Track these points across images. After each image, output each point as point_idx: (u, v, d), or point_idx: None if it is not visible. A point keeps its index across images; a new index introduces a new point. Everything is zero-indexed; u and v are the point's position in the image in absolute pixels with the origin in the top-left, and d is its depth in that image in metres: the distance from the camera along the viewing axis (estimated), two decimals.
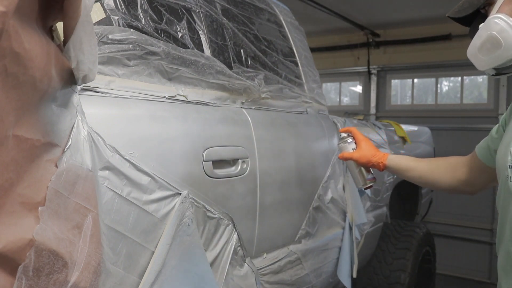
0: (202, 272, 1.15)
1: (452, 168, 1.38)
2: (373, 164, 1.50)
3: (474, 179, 1.32)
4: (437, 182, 1.41)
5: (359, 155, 1.52)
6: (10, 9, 0.56)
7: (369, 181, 1.56)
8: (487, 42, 1.00)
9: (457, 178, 1.36)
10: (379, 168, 1.51)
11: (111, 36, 1.01)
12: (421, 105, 5.13)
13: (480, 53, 1.02)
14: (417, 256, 2.66)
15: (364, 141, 1.55)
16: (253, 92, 1.51)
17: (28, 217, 0.65)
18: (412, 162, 1.46)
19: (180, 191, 1.08)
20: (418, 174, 1.44)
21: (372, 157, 1.50)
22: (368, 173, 1.56)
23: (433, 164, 1.44)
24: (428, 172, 1.42)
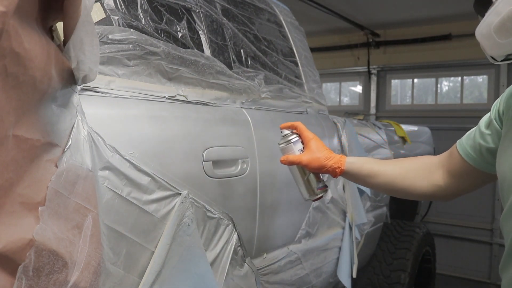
0: (202, 272, 1.15)
1: (426, 171, 1.15)
2: (327, 169, 1.19)
3: (456, 184, 1.10)
4: (409, 189, 1.15)
5: (308, 159, 1.19)
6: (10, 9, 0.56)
7: (320, 191, 1.23)
8: (508, 21, 0.78)
9: (434, 183, 1.13)
10: (334, 174, 1.20)
11: (111, 36, 1.01)
12: (421, 105, 5.14)
13: (498, 34, 0.80)
14: (417, 256, 2.66)
15: (314, 139, 1.22)
16: (253, 92, 1.51)
17: (28, 217, 0.65)
18: (376, 166, 1.19)
19: (180, 191, 1.08)
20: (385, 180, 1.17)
21: (326, 161, 1.19)
22: (318, 180, 1.23)
23: (402, 167, 1.18)
24: (398, 178, 1.16)
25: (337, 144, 1.99)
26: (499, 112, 0.98)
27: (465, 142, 1.06)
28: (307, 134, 1.23)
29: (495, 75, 4.49)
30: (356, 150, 2.11)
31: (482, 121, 1.04)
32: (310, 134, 1.23)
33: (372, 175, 1.18)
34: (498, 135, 0.98)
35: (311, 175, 1.21)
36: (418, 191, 1.14)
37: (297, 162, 1.20)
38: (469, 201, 4.29)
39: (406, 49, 5.00)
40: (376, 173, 1.18)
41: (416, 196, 1.18)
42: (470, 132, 1.07)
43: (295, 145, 1.22)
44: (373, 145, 2.50)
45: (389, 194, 1.25)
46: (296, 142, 1.22)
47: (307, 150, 1.21)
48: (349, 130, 2.08)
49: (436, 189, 1.13)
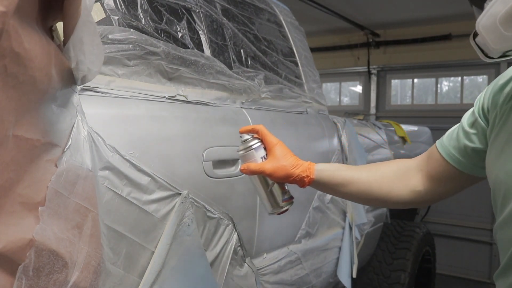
0: (202, 272, 1.15)
1: (404, 176, 1.05)
2: (295, 178, 1.05)
3: (437, 188, 1.01)
4: (386, 197, 1.04)
5: (273, 167, 1.04)
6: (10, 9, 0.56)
7: (285, 203, 1.09)
8: None
9: (413, 188, 1.03)
10: (302, 184, 1.07)
11: (111, 36, 1.01)
12: (421, 105, 5.14)
13: (504, 26, 0.71)
14: (417, 256, 2.66)
15: (279, 145, 1.07)
16: (253, 92, 1.51)
17: (28, 217, 0.65)
18: (349, 172, 1.07)
19: (180, 191, 1.08)
20: (360, 189, 1.06)
21: (292, 169, 1.05)
22: (283, 191, 1.09)
23: (377, 173, 1.07)
24: (374, 185, 1.05)
25: (337, 144, 1.99)
26: (484, 109, 0.91)
27: (448, 143, 0.98)
28: (270, 139, 1.08)
29: (495, 75, 4.49)
30: (356, 150, 2.11)
31: (464, 119, 0.96)
32: (274, 139, 1.08)
33: (345, 183, 1.06)
34: (484, 134, 0.91)
35: (275, 185, 1.07)
36: (396, 198, 1.04)
37: (259, 171, 1.05)
38: (469, 201, 4.29)
39: (406, 49, 5.00)
40: (349, 180, 1.06)
41: (393, 204, 1.08)
42: (452, 132, 0.99)
43: (256, 152, 1.07)
44: (373, 145, 2.50)
45: (364, 203, 1.13)
46: (258, 149, 1.07)
47: (271, 157, 1.06)
48: (349, 130, 2.08)
49: (415, 196, 1.03)
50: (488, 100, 0.90)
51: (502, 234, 0.83)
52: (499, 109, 0.86)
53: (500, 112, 0.86)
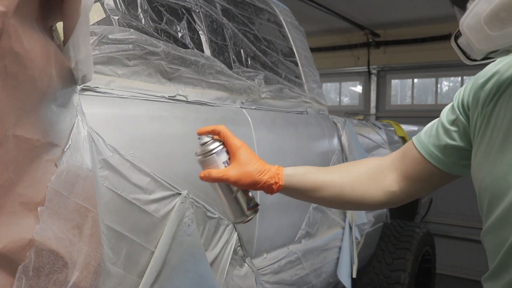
0: (202, 272, 1.15)
1: (377, 176, 1.00)
2: (262, 185, 0.96)
3: (412, 188, 0.97)
4: (360, 200, 0.99)
5: (238, 174, 0.94)
6: (10, 9, 0.56)
7: (250, 212, 0.99)
8: (502, 9, 0.66)
9: (387, 189, 0.98)
10: (270, 191, 0.98)
11: (111, 36, 1.01)
12: (421, 105, 5.14)
13: (489, 25, 0.68)
14: (417, 256, 2.66)
15: (243, 148, 0.97)
16: (253, 92, 1.51)
17: (28, 217, 0.65)
18: (321, 175, 1.00)
19: (180, 191, 1.08)
20: (332, 193, 0.99)
21: (259, 175, 0.96)
22: (248, 198, 0.99)
23: (350, 174, 1.01)
24: (347, 188, 0.99)
25: (337, 144, 1.99)
26: (464, 105, 0.88)
27: (427, 141, 0.93)
28: (234, 141, 0.97)
29: None
30: (356, 150, 2.11)
31: (443, 116, 0.92)
32: (238, 142, 0.97)
33: (317, 188, 0.99)
34: (465, 132, 0.88)
35: (239, 192, 0.98)
36: (370, 201, 0.99)
37: (223, 179, 0.94)
38: (469, 201, 4.29)
39: (406, 49, 5.00)
40: (320, 184, 0.99)
41: (368, 206, 1.04)
42: (430, 129, 0.95)
43: (218, 156, 0.96)
44: (373, 145, 2.50)
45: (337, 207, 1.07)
46: (220, 152, 0.96)
47: (235, 162, 0.96)
48: (349, 130, 2.09)
49: (390, 196, 0.99)
50: (469, 96, 0.87)
51: (489, 240, 0.82)
52: (480, 109, 0.84)
53: (482, 114, 0.84)
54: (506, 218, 0.76)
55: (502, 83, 0.82)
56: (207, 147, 0.97)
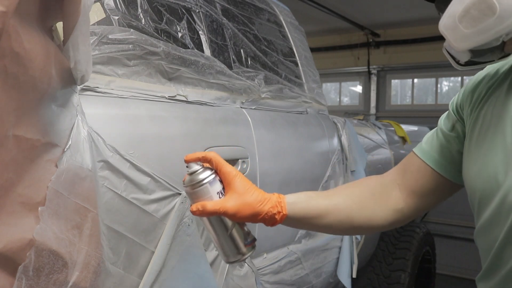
0: (202, 272, 1.15)
1: (381, 195, 0.95)
2: (263, 216, 0.87)
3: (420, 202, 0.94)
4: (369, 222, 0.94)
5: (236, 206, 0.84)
6: (10, 9, 0.56)
7: (248, 248, 0.88)
8: (473, 8, 0.70)
9: (393, 207, 0.94)
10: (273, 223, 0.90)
11: (111, 36, 1.01)
12: (421, 105, 5.14)
13: (462, 23, 0.72)
14: (417, 256, 2.66)
15: (238, 176, 0.87)
16: (253, 92, 1.51)
17: (28, 217, 0.65)
18: (325, 201, 0.94)
19: (180, 191, 1.08)
20: (339, 218, 0.92)
21: (260, 205, 0.86)
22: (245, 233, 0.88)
23: (353, 196, 0.96)
24: (355, 211, 0.93)
25: (337, 144, 1.99)
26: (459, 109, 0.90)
27: (430, 149, 0.92)
28: (227, 169, 0.86)
29: None
30: (356, 150, 2.11)
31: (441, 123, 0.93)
32: (232, 169, 0.86)
33: (322, 214, 0.92)
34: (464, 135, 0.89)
35: (235, 227, 0.86)
36: (379, 222, 0.94)
37: (220, 211, 0.83)
38: None
39: (406, 49, 5.01)
40: (325, 210, 0.92)
41: (376, 228, 0.96)
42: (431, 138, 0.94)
43: (211, 186, 0.84)
44: (373, 145, 2.50)
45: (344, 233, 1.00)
46: (213, 182, 0.85)
47: (231, 192, 0.85)
48: (349, 130, 2.09)
49: (398, 215, 0.95)
50: (462, 101, 0.89)
51: (481, 240, 0.84)
52: (470, 112, 0.86)
53: (472, 116, 0.85)
54: (496, 218, 0.78)
55: (490, 85, 0.84)
56: (197, 176, 0.85)
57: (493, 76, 0.86)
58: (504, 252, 0.78)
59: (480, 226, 0.83)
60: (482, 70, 0.89)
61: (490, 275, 0.83)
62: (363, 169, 2.12)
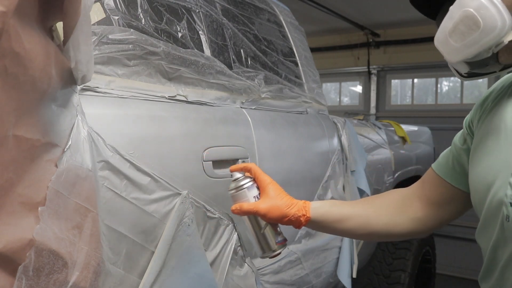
0: (202, 272, 1.15)
1: (401, 205, 1.03)
2: (290, 218, 1.01)
3: (438, 213, 1.00)
4: (386, 228, 1.02)
5: (267, 207, 1.00)
6: (10, 9, 0.56)
7: (279, 246, 1.04)
8: (460, 23, 0.77)
9: (412, 216, 1.01)
10: (299, 225, 1.04)
11: (111, 36, 1.01)
12: (421, 105, 5.14)
13: (452, 38, 0.79)
14: (417, 256, 2.66)
15: (272, 184, 1.03)
16: (253, 92, 1.51)
17: (28, 217, 0.65)
18: (346, 208, 1.06)
19: (180, 191, 1.08)
20: (358, 223, 1.03)
21: (288, 208, 1.01)
22: (276, 233, 1.04)
23: (374, 205, 1.06)
24: (373, 217, 1.03)
25: (337, 144, 1.99)
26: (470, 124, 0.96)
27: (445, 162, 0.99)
28: (263, 177, 1.04)
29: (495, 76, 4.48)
30: (356, 150, 2.11)
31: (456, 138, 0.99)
32: (267, 178, 1.04)
33: (343, 219, 1.03)
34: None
35: (268, 227, 1.03)
36: (397, 229, 1.02)
37: (253, 211, 1.00)
38: None
39: (406, 49, 5.01)
40: (346, 216, 1.03)
41: (395, 236, 1.05)
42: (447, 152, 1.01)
43: (249, 191, 1.03)
44: (373, 145, 2.50)
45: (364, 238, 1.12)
46: (251, 188, 1.03)
47: (265, 196, 1.02)
48: (349, 130, 2.09)
49: (416, 224, 1.01)
50: (473, 116, 0.95)
51: (480, 240, 0.90)
52: (477, 124, 0.92)
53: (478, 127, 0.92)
54: (489, 218, 0.83)
55: (495, 97, 0.90)
56: (239, 182, 1.04)
57: (500, 89, 0.91)
58: (497, 251, 0.83)
59: (479, 226, 0.88)
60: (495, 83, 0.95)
61: (488, 274, 0.87)
62: (363, 169, 2.12)
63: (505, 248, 0.80)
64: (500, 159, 0.80)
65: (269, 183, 1.03)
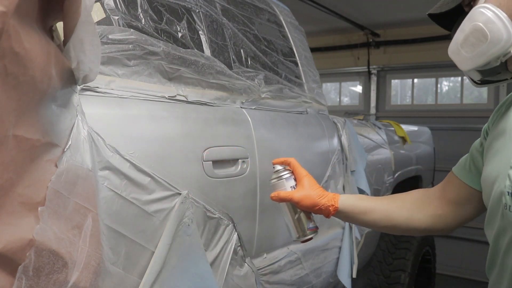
0: (202, 272, 1.15)
1: (422, 202, 1.13)
2: (321, 208, 1.15)
3: (456, 212, 1.08)
4: (407, 222, 1.12)
5: (301, 196, 1.14)
6: (10, 9, 0.56)
7: (310, 232, 1.18)
8: (470, 36, 0.87)
9: (432, 213, 1.10)
10: (328, 214, 1.16)
11: (111, 36, 1.01)
12: (421, 105, 5.14)
13: (463, 49, 0.89)
14: (417, 256, 2.66)
15: (307, 177, 1.18)
16: (253, 92, 1.51)
17: (28, 217, 0.65)
18: (371, 202, 1.17)
19: (180, 191, 1.08)
20: (381, 216, 1.13)
21: (319, 198, 1.14)
22: (309, 220, 1.18)
23: (397, 200, 1.16)
24: (395, 211, 1.13)
25: (337, 144, 1.99)
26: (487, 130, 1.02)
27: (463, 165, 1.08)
28: (300, 171, 1.20)
29: None
30: (356, 150, 2.11)
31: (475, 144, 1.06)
32: (303, 171, 1.20)
33: (367, 211, 1.14)
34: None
35: (302, 213, 1.17)
36: (417, 223, 1.11)
37: (288, 199, 1.16)
38: None
39: (406, 49, 5.01)
40: (371, 208, 1.14)
41: (415, 230, 1.14)
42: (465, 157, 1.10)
43: (287, 182, 1.19)
44: (373, 145, 2.50)
45: (386, 230, 1.20)
46: (289, 179, 1.19)
47: (300, 187, 1.17)
48: (349, 130, 2.08)
49: (435, 220, 1.10)
50: (490, 121, 1.02)
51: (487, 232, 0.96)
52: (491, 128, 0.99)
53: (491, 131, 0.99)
54: (493, 210, 0.90)
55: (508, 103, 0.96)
56: (279, 174, 1.20)
57: None
58: (499, 240, 0.89)
59: (485, 219, 0.94)
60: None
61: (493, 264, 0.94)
62: (363, 169, 2.12)
63: (505, 236, 0.87)
64: (504, 156, 0.87)
65: (304, 175, 1.18)
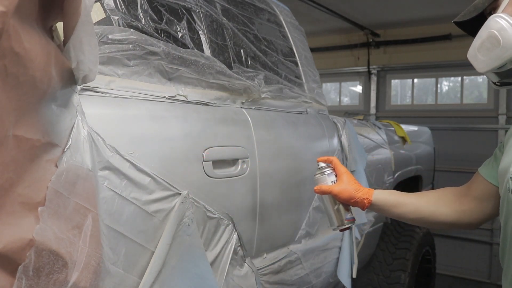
0: (202, 272, 1.15)
1: (449, 198, 1.24)
2: (356, 200, 1.29)
3: (481, 208, 1.18)
4: (433, 215, 1.24)
5: (339, 189, 1.29)
6: (10, 9, 0.56)
7: (347, 222, 1.32)
8: (486, 41, 0.98)
9: (458, 208, 1.21)
10: (363, 206, 1.30)
11: (111, 36, 1.01)
12: (421, 105, 5.14)
13: (480, 53, 1.00)
14: (417, 256, 2.66)
15: (346, 173, 1.34)
16: (253, 92, 1.51)
17: (28, 217, 0.65)
18: (401, 197, 1.29)
19: (180, 191, 1.08)
20: (410, 209, 1.26)
21: (355, 192, 1.29)
22: (347, 211, 1.33)
23: (425, 196, 1.29)
24: (423, 205, 1.25)
25: (337, 144, 1.99)
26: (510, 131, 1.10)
27: (487, 165, 1.18)
28: (340, 168, 1.35)
29: None
30: (356, 150, 2.11)
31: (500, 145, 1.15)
32: (343, 168, 1.35)
33: (397, 205, 1.28)
34: None
35: (340, 205, 1.31)
36: (443, 217, 1.22)
37: (328, 191, 1.31)
38: None
39: (406, 49, 5.00)
40: (401, 202, 1.27)
41: (441, 223, 1.25)
42: (490, 158, 1.19)
43: (329, 177, 1.34)
44: (373, 145, 2.50)
45: (415, 222, 1.32)
46: (330, 175, 1.34)
47: (339, 182, 1.32)
48: (349, 130, 2.08)
49: (460, 215, 1.20)
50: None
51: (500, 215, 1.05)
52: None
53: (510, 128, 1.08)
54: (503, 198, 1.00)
55: None
56: (322, 170, 1.36)
57: None
58: (507, 225, 0.99)
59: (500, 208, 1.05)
60: None
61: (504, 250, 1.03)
62: (363, 169, 2.12)
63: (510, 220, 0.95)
64: None
65: (344, 172, 1.33)
